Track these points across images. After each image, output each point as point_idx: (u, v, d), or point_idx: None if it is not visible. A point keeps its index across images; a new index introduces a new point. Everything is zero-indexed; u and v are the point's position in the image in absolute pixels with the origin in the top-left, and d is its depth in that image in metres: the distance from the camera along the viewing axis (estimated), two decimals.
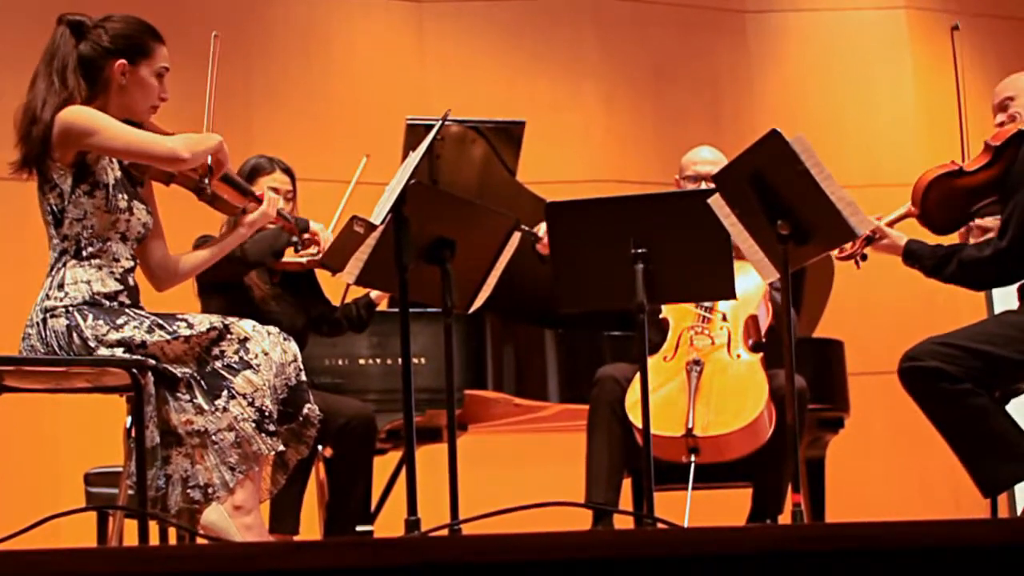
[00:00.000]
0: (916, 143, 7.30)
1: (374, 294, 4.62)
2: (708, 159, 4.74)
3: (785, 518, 3.94)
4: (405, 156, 4.68)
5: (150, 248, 3.65)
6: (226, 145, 3.57)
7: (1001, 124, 4.33)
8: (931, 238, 4.30)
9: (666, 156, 5.43)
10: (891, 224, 4.28)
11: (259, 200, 3.76)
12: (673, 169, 4.88)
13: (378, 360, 4.75)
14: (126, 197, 3.49)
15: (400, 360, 4.60)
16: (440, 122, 3.69)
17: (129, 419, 3.80)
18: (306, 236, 4.04)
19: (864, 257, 4.31)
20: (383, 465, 4.87)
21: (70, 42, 3.50)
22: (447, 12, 7.15)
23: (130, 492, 3.49)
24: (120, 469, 4.07)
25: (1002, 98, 4.36)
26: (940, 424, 4.02)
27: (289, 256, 4.51)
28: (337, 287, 4.66)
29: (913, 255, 4.25)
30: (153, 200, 3.67)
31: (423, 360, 4.69)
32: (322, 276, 4.54)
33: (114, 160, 3.52)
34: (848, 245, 4.21)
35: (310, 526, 4.60)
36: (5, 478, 5.79)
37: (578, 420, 4.79)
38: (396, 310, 4.59)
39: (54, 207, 3.46)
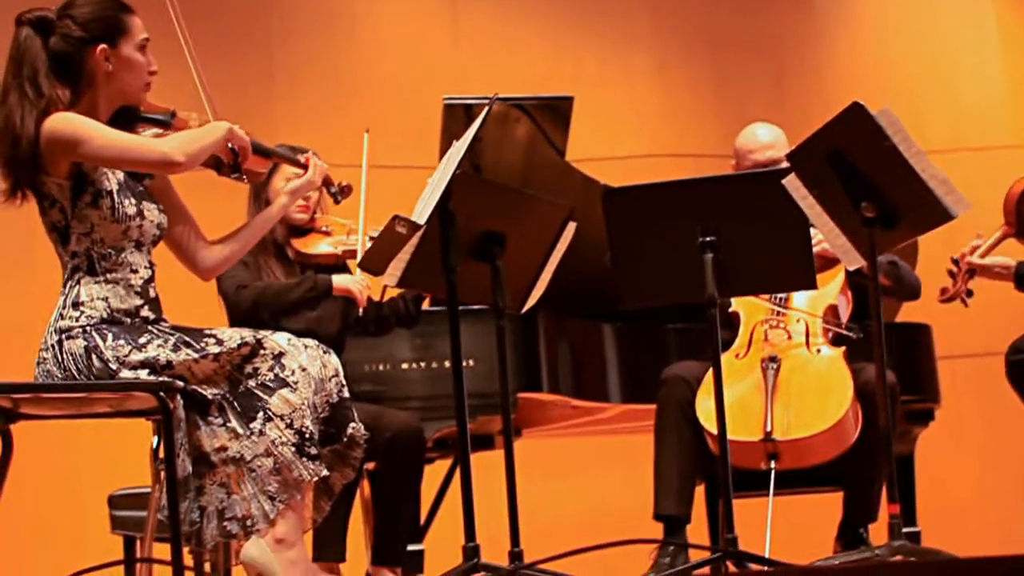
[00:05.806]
0: (1003, 102, 7.18)
1: None
2: (766, 143, 4.58)
3: (879, 527, 3.85)
4: (444, 138, 4.60)
5: (182, 238, 3.57)
6: (237, 127, 3.45)
7: None
8: None
9: (725, 127, 5.33)
10: (987, 253, 4.22)
11: (303, 165, 3.70)
12: (734, 141, 4.77)
13: (422, 364, 4.68)
14: (133, 201, 3.39)
15: (447, 363, 4.54)
16: (488, 105, 3.60)
17: (155, 439, 3.76)
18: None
19: (970, 293, 4.25)
20: (431, 474, 4.81)
21: (36, 43, 3.36)
22: None
23: (159, 518, 3.44)
24: (146, 489, 4.03)
25: None
26: None
27: (321, 246, 4.44)
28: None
29: None
30: (170, 189, 3.58)
31: (471, 362, 4.61)
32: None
33: None
34: (950, 285, 4.17)
35: (355, 546, 4.54)
36: (25, 508, 5.74)
37: (642, 421, 4.72)
38: (440, 308, 4.53)
39: (57, 225, 3.37)
